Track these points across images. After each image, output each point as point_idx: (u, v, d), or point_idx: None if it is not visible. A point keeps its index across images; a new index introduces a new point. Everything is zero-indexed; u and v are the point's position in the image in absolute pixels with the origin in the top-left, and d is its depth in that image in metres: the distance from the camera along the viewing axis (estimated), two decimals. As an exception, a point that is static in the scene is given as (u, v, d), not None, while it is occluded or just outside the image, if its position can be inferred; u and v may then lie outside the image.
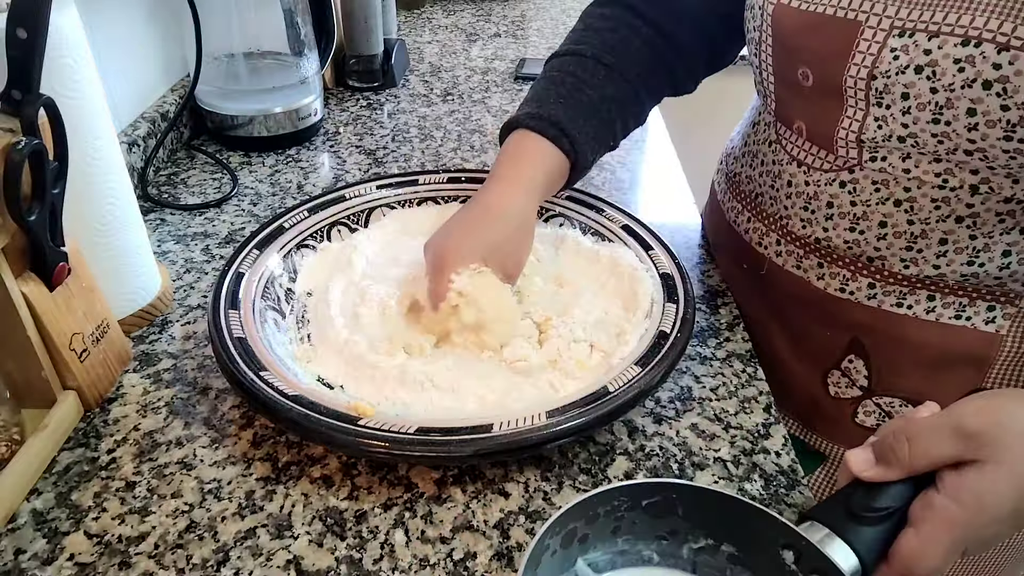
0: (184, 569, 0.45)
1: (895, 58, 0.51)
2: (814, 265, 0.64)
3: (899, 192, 0.57)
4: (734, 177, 0.74)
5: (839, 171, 0.59)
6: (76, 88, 0.53)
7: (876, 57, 0.52)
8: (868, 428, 0.67)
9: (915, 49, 0.50)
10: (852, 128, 0.56)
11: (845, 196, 0.60)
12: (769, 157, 0.67)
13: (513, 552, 0.47)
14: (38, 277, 0.51)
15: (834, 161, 0.59)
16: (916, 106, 0.52)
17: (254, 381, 0.51)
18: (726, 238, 0.75)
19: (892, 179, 0.57)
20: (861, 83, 0.54)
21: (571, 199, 0.72)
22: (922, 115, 0.52)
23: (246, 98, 0.95)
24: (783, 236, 0.66)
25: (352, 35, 1.13)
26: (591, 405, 0.50)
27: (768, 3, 0.59)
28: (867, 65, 0.53)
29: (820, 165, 0.61)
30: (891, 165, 0.56)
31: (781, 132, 0.65)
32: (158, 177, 0.89)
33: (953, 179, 0.54)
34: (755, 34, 0.63)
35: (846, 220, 0.60)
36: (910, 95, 0.52)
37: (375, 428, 0.48)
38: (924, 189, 0.56)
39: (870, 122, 0.55)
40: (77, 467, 0.52)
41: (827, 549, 0.40)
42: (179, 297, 0.69)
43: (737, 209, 0.73)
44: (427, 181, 0.75)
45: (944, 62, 0.49)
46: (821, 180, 0.61)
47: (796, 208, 0.64)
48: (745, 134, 0.74)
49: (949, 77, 0.49)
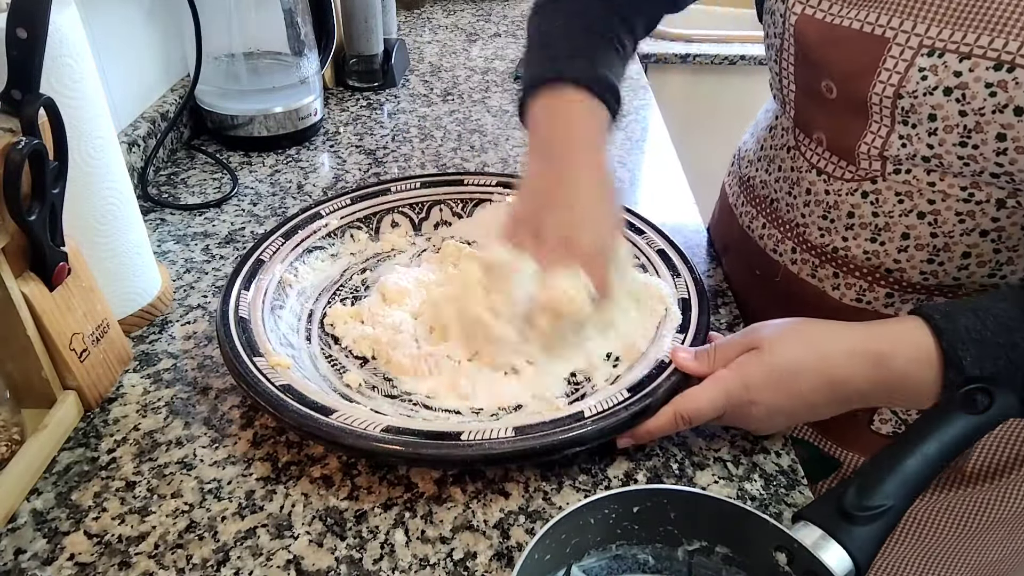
0: (184, 569, 0.45)
1: (923, 78, 0.50)
2: (829, 275, 0.63)
3: (923, 204, 0.55)
4: (748, 181, 0.73)
5: (861, 181, 0.58)
6: (76, 88, 0.53)
7: (903, 76, 0.51)
8: (884, 436, 0.65)
9: (944, 70, 0.49)
10: (875, 144, 0.55)
11: (867, 207, 0.58)
12: (787, 163, 0.65)
13: (513, 552, 0.47)
14: (38, 277, 0.51)
15: (856, 172, 0.58)
16: (943, 128, 0.51)
17: (248, 366, 0.53)
18: (738, 242, 0.74)
19: (916, 191, 0.55)
20: (887, 101, 0.52)
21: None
22: (949, 137, 0.51)
23: (246, 98, 0.95)
24: (799, 244, 0.65)
25: (352, 35, 1.13)
26: (559, 428, 0.49)
27: (791, 13, 0.57)
28: (893, 83, 0.51)
29: (841, 175, 0.59)
30: (915, 178, 0.55)
31: (800, 139, 0.63)
32: (158, 177, 0.89)
33: (979, 193, 0.53)
34: (775, 40, 0.61)
35: (867, 231, 0.59)
36: (937, 116, 0.50)
37: (343, 422, 0.49)
38: (949, 202, 0.54)
39: (894, 139, 0.54)
40: (77, 467, 0.52)
41: (819, 551, 0.40)
42: (179, 297, 0.69)
43: (751, 214, 0.71)
44: (474, 182, 0.77)
45: (975, 85, 0.48)
46: (842, 190, 0.59)
47: (814, 217, 0.62)
48: (760, 138, 0.72)
49: (979, 101, 0.48)
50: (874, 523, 0.41)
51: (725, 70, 1.87)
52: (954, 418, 0.46)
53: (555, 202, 0.57)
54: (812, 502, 0.44)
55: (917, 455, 0.44)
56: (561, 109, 0.60)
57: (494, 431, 0.49)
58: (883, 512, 0.41)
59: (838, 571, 0.39)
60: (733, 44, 1.87)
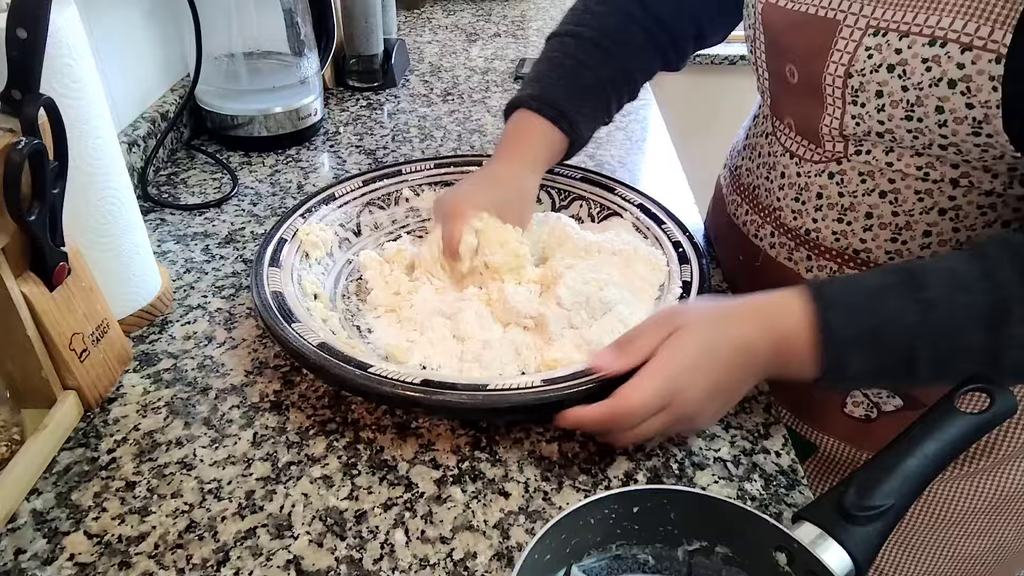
0: (184, 569, 0.45)
1: (869, 57, 0.52)
2: (803, 257, 0.65)
3: (884, 183, 0.58)
4: (736, 171, 0.76)
5: (827, 163, 0.60)
6: (76, 88, 0.53)
7: (852, 56, 0.53)
8: (856, 419, 0.67)
9: (887, 48, 0.51)
10: (833, 125, 0.58)
11: (833, 187, 0.61)
12: (765, 149, 0.68)
13: (513, 552, 0.47)
14: (38, 277, 0.51)
15: (823, 153, 0.61)
16: (890, 103, 0.53)
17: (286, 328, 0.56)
18: (726, 231, 0.77)
19: (877, 171, 0.58)
20: (839, 81, 0.55)
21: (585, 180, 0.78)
22: (895, 112, 0.53)
23: (246, 98, 0.95)
24: (776, 228, 0.67)
25: (352, 35, 1.13)
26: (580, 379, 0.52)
27: (758, 2, 0.61)
28: (844, 63, 0.54)
29: (811, 157, 0.62)
30: (875, 158, 0.57)
31: (776, 125, 0.66)
32: (158, 177, 0.89)
33: (934, 172, 0.55)
34: (750, 31, 0.65)
35: (834, 211, 0.61)
36: (884, 92, 0.53)
37: (383, 375, 0.52)
38: (908, 181, 0.57)
39: (848, 119, 0.56)
40: (77, 467, 0.52)
41: (819, 551, 0.40)
42: (179, 297, 0.69)
43: (737, 202, 0.74)
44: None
45: (913, 61, 0.50)
46: (811, 171, 0.62)
47: (788, 200, 0.65)
48: (747, 128, 0.76)
49: (918, 76, 0.50)
50: (874, 523, 0.41)
51: (725, 70, 1.87)
52: (954, 418, 0.46)
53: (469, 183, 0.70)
54: (812, 502, 0.44)
55: (917, 455, 0.44)
56: (511, 130, 0.71)
57: (523, 383, 0.52)
58: (883, 512, 0.41)
59: (838, 571, 0.39)
60: (733, 44, 1.87)
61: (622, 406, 0.49)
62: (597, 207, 0.75)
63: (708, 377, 0.50)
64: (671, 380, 0.49)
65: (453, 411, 0.54)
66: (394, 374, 0.52)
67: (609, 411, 0.49)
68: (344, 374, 0.52)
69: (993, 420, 0.46)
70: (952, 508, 0.69)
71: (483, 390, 0.51)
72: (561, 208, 0.77)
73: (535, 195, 0.71)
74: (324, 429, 0.55)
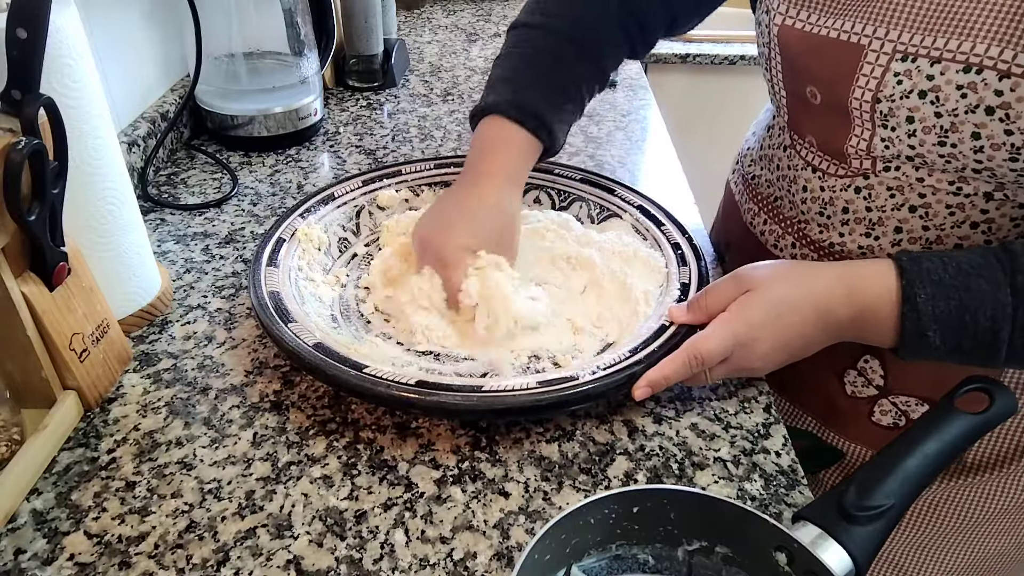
0: (184, 569, 0.45)
1: (899, 82, 0.52)
2: None
3: (914, 198, 0.57)
4: (752, 180, 0.74)
5: (854, 177, 0.59)
6: (76, 88, 0.53)
7: (880, 81, 0.52)
8: (884, 427, 0.67)
9: (918, 74, 0.51)
10: (860, 146, 0.57)
11: (860, 202, 0.60)
12: (784, 162, 0.67)
13: (513, 552, 0.47)
14: (38, 277, 0.51)
15: (848, 169, 0.60)
16: (922, 129, 0.52)
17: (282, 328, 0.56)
18: (741, 238, 0.76)
19: (907, 186, 0.57)
20: (866, 105, 0.54)
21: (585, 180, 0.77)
22: (928, 137, 0.52)
23: (246, 98, 0.95)
24: (799, 239, 0.66)
25: (352, 35, 1.13)
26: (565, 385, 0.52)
27: (773, 24, 0.60)
28: (871, 88, 0.53)
29: (835, 171, 0.61)
30: (904, 174, 0.56)
31: (795, 139, 0.65)
32: (158, 177, 0.89)
33: (967, 187, 0.54)
34: (764, 50, 0.64)
35: (862, 225, 0.60)
36: (915, 118, 0.52)
37: (378, 376, 0.52)
38: (939, 196, 0.56)
39: (877, 142, 0.55)
40: (77, 467, 0.52)
41: (819, 551, 0.40)
42: (179, 297, 0.69)
43: (754, 211, 0.73)
44: None
45: (947, 88, 0.49)
46: (836, 186, 0.61)
47: (812, 213, 0.64)
48: (761, 137, 0.74)
49: (952, 102, 0.49)
50: (874, 523, 0.41)
51: (725, 70, 1.87)
52: (954, 418, 0.46)
53: (444, 222, 0.63)
54: (812, 502, 0.44)
55: (917, 455, 0.44)
56: (488, 140, 0.66)
57: (518, 384, 0.53)
58: (883, 512, 0.41)
59: (838, 571, 0.39)
60: (733, 44, 1.87)
61: (696, 351, 0.53)
62: (596, 208, 0.75)
63: (777, 335, 0.52)
64: (739, 333, 0.52)
65: (449, 412, 0.54)
66: (389, 375, 0.52)
67: (684, 360, 0.53)
68: (339, 375, 0.52)
69: (993, 420, 0.46)
70: (981, 508, 0.69)
71: (478, 391, 0.52)
72: (561, 209, 0.77)
73: (520, 215, 0.67)
74: (324, 429, 0.55)
